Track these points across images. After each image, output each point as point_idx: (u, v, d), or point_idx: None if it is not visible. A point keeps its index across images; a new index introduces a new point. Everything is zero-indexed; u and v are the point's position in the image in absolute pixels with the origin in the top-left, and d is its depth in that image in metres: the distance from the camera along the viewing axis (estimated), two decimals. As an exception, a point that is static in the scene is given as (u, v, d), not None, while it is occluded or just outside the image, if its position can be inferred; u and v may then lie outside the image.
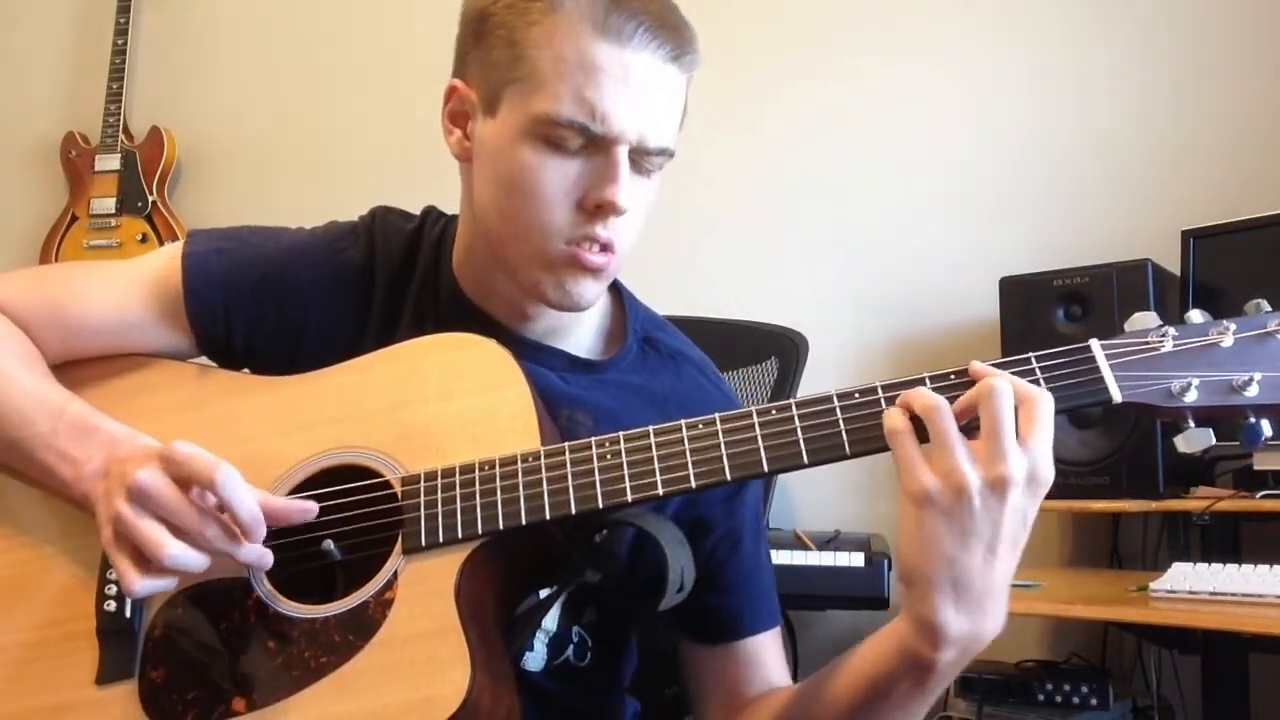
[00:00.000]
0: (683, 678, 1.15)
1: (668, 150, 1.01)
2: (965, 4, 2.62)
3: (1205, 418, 0.86)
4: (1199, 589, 1.74)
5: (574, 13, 0.96)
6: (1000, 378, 0.84)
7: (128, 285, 1.12)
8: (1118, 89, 2.48)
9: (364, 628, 0.92)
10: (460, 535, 0.93)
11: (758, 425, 0.90)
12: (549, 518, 0.92)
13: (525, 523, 0.92)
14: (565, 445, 0.94)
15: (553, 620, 1.08)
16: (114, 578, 0.97)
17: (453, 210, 1.16)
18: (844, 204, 2.65)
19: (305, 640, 0.93)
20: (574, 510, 0.92)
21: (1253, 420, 0.86)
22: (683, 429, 0.92)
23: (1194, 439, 0.86)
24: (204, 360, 1.14)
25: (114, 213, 3.07)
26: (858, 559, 2.03)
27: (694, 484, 0.90)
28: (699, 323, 1.83)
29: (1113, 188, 2.45)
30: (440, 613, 0.90)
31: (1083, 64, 2.52)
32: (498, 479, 0.94)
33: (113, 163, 3.09)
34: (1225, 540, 2.05)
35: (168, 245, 1.20)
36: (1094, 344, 0.87)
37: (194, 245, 1.13)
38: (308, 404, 1.03)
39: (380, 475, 0.98)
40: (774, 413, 0.91)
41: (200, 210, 3.10)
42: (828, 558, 2.04)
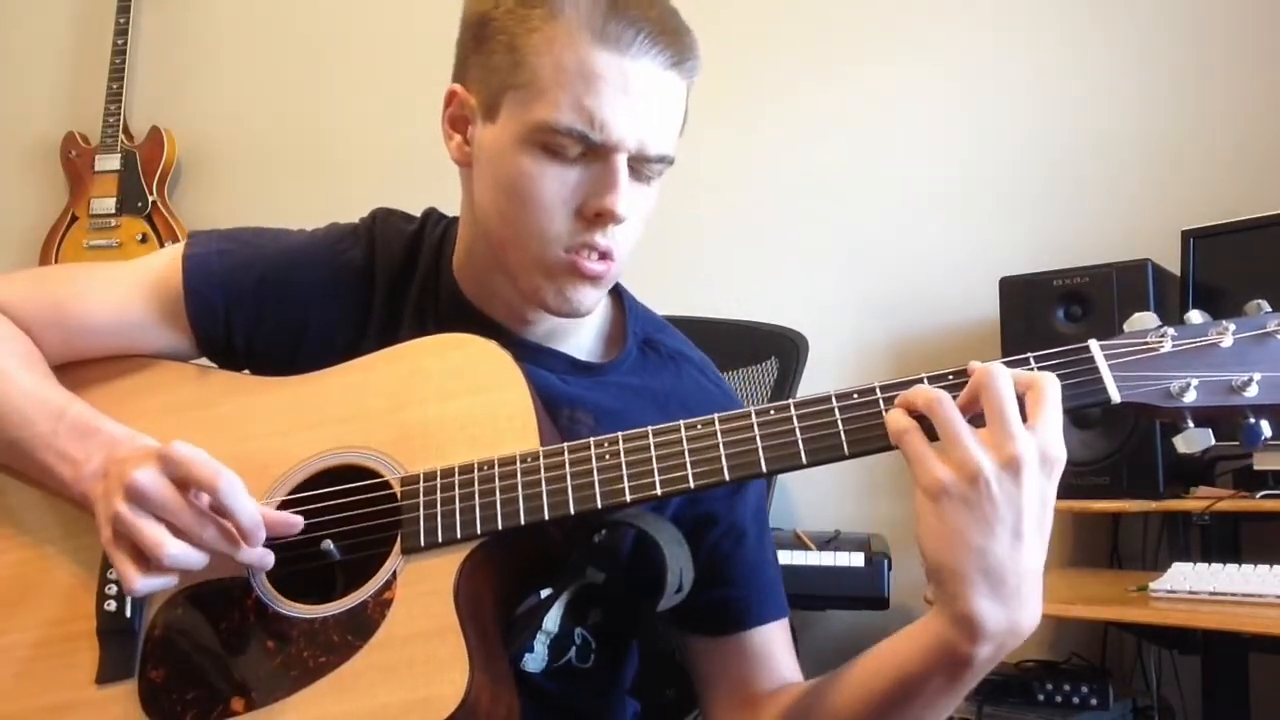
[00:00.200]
0: (690, 673, 1.14)
1: (667, 157, 1.01)
2: (965, 4, 2.62)
3: (1204, 418, 0.86)
4: (1199, 589, 1.74)
5: (574, 19, 0.96)
6: (997, 366, 0.84)
7: (129, 286, 1.12)
8: (1118, 89, 2.48)
9: (363, 628, 0.92)
10: (459, 535, 0.93)
11: (756, 425, 0.90)
12: (548, 518, 0.92)
13: (524, 523, 0.92)
14: (564, 446, 0.94)
15: (554, 622, 1.07)
16: (114, 577, 0.98)
17: (453, 212, 1.15)
18: (844, 204, 2.65)
19: (304, 640, 0.93)
20: (572, 510, 0.92)
21: (1252, 420, 0.86)
22: (681, 429, 0.92)
23: (1193, 439, 0.86)
24: (204, 361, 1.14)
25: (114, 213, 3.07)
26: (858, 559, 2.03)
27: (692, 484, 0.90)
28: (699, 323, 1.83)
29: (1113, 188, 2.45)
30: (439, 613, 0.90)
31: (1083, 64, 2.52)
32: (496, 479, 0.94)
33: (113, 163, 3.09)
34: (1225, 540, 2.05)
35: (169, 246, 1.21)
36: (1093, 344, 0.87)
37: (195, 246, 1.13)
38: (308, 404, 1.04)
39: (380, 475, 0.98)
40: (772, 413, 0.90)
41: (200, 210, 3.10)
42: (828, 558, 2.05)
